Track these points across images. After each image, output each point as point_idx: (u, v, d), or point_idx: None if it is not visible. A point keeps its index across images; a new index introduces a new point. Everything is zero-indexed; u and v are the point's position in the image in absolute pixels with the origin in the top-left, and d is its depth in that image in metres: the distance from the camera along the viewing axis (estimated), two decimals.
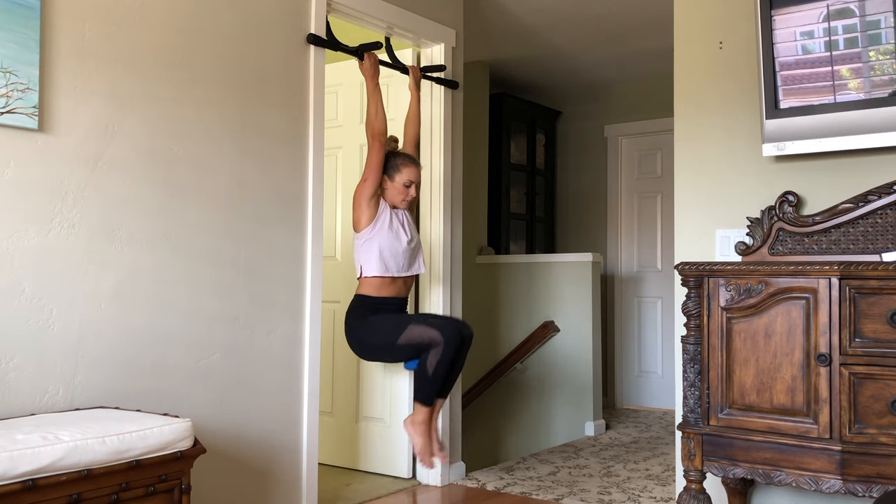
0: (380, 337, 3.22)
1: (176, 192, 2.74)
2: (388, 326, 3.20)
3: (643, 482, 3.92)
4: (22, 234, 2.33)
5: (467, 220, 5.27)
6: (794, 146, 2.78)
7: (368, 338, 3.26)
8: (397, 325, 3.18)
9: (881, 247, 2.66)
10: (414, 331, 3.13)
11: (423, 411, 3.21)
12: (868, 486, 2.29)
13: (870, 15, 2.60)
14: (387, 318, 3.24)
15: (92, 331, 2.49)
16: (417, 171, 3.38)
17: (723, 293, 2.54)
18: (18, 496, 1.79)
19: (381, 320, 3.23)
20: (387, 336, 3.19)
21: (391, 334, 3.17)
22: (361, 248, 3.33)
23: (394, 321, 3.21)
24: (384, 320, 3.23)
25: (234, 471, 2.91)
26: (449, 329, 3.11)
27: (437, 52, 3.99)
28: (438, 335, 3.09)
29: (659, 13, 4.52)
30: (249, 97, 2.99)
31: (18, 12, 2.29)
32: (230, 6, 2.93)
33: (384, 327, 3.21)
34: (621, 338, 6.31)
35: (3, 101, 2.25)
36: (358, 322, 3.27)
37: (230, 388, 2.90)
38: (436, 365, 3.11)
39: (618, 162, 6.40)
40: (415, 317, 3.28)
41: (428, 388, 3.16)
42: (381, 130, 3.33)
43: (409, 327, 3.15)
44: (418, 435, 3.22)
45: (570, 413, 5.25)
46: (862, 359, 2.33)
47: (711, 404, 2.56)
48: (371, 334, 3.24)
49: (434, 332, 3.10)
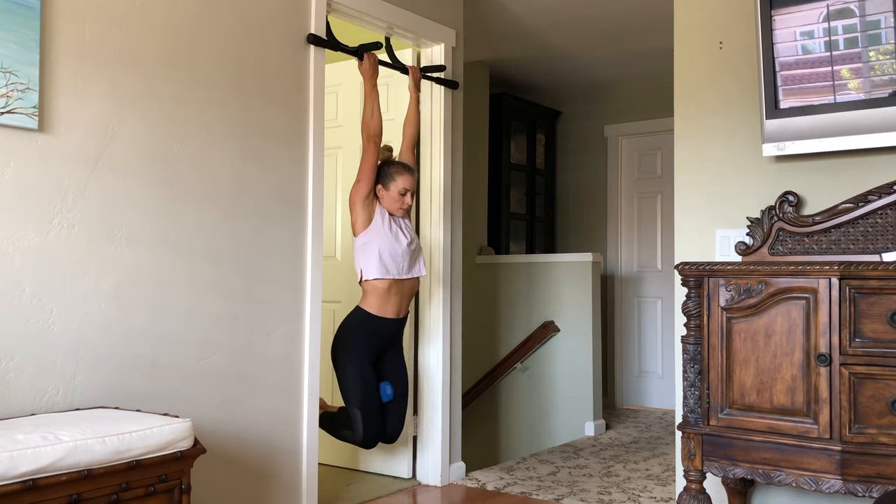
0: (342, 377, 3.40)
1: (176, 192, 2.74)
2: (352, 381, 3.37)
3: (643, 482, 3.92)
4: (22, 234, 2.33)
5: (467, 220, 5.27)
6: (794, 146, 2.78)
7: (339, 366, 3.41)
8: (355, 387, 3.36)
9: (881, 247, 2.66)
10: (354, 409, 3.36)
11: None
12: (868, 486, 2.29)
13: (870, 15, 2.60)
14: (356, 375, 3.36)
15: (92, 331, 2.49)
16: (412, 179, 3.39)
17: (723, 293, 2.54)
18: (18, 496, 1.78)
19: (354, 371, 3.36)
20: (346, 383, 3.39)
21: (349, 387, 3.37)
22: (361, 251, 3.33)
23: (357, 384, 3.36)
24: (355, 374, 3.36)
25: (234, 471, 2.91)
26: (371, 434, 3.39)
27: (437, 52, 3.99)
28: (361, 432, 3.37)
29: (659, 13, 4.52)
30: (249, 97, 2.99)
31: (18, 12, 2.29)
32: (230, 6, 2.93)
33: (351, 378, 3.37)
34: (621, 338, 6.31)
35: (3, 101, 2.25)
36: (341, 346, 3.40)
37: (230, 388, 2.90)
38: (342, 437, 3.46)
39: (618, 162, 6.40)
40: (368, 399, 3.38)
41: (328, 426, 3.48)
42: (377, 132, 3.33)
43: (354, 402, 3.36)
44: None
45: (570, 413, 5.25)
46: (862, 359, 2.33)
47: (711, 404, 2.56)
48: (342, 368, 3.40)
49: (360, 428, 3.37)
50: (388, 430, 3.48)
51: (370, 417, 3.37)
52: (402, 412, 3.53)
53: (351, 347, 3.36)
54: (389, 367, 3.50)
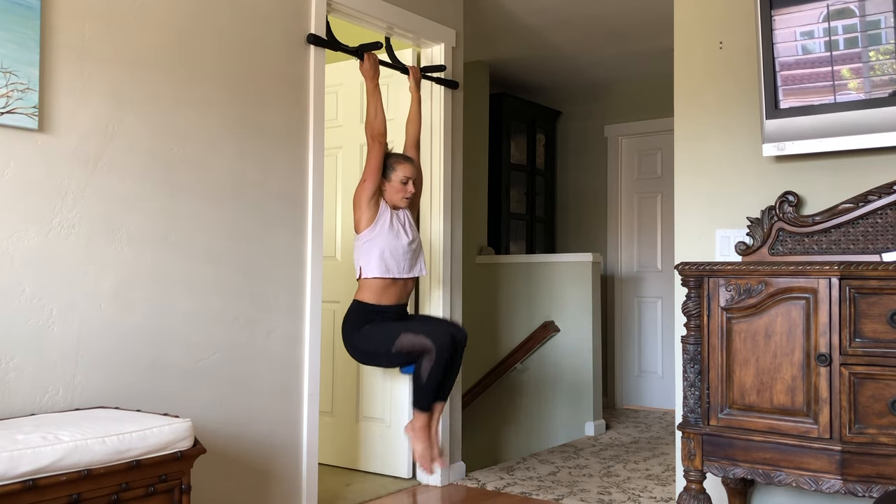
0: (373, 345, 3.24)
1: (176, 192, 2.74)
2: (381, 335, 3.21)
3: (643, 482, 3.92)
4: (22, 234, 2.33)
5: (467, 220, 5.27)
6: (794, 146, 2.78)
7: (362, 345, 3.27)
8: (390, 333, 3.20)
9: (881, 247, 2.66)
10: (405, 339, 3.16)
11: (422, 417, 3.23)
12: (868, 486, 2.29)
13: (870, 15, 2.60)
14: (380, 327, 3.24)
15: (92, 331, 2.49)
16: (412, 167, 3.37)
17: (723, 293, 2.54)
18: (18, 496, 1.79)
19: (374, 330, 3.24)
20: (380, 345, 3.22)
21: (384, 344, 3.20)
22: (362, 249, 3.32)
23: (386, 330, 3.22)
24: (377, 329, 3.23)
25: (234, 471, 2.91)
26: (440, 335, 3.15)
27: (437, 52, 3.99)
28: (430, 343, 3.12)
29: (659, 13, 4.52)
30: (249, 97, 2.99)
31: (18, 12, 2.29)
32: (230, 6, 2.93)
33: (377, 336, 3.22)
34: (621, 338, 6.31)
35: (3, 101, 2.25)
36: (352, 330, 3.28)
37: (230, 388, 2.90)
38: (429, 371, 3.15)
39: (618, 162, 6.40)
40: (407, 324, 3.27)
41: (424, 394, 3.20)
42: (381, 131, 3.33)
43: (400, 336, 3.17)
44: (418, 441, 3.25)
45: (570, 413, 5.25)
46: (862, 359, 2.33)
47: (711, 404, 2.56)
48: (365, 342, 3.26)
49: (425, 339, 3.13)
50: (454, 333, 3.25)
51: (418, 328, 3.18)
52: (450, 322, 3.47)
53: (360, 324, 3.26)
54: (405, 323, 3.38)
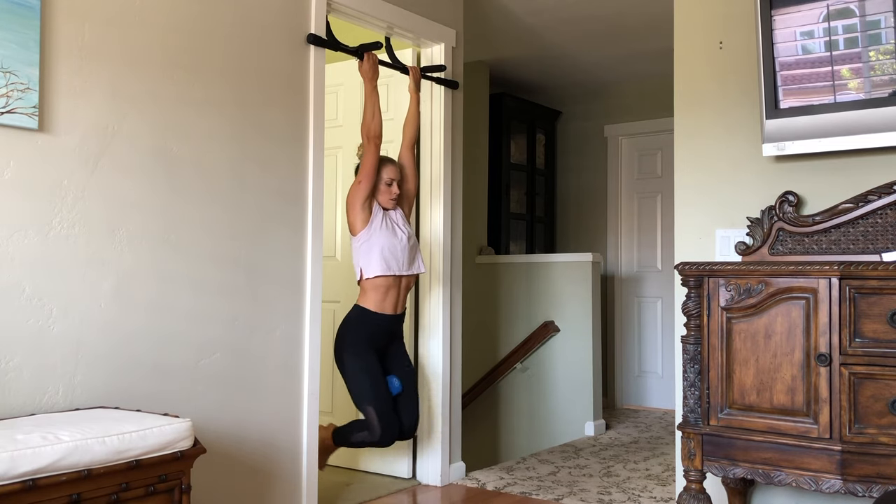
0: (350, 383, 3.37)
1: (176, 192, 2.74)
2: (358, 383, 3.34)
3: (643, 482, 3.92)
4: (22, 234, 2.33)
5: (467, 220, 5.27)
6: (794, 146, 2.78)
7: (344, 370, 3.39)
8: (364, 383, 3.33)
9: (881, 247, 2.66)
10: (369, 410, 3.32)
11: (330, 444, 3.42)
12: (868, 486, 2.29)
13: (870, 15, 2.60)
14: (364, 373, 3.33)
15: (92, 331, 2.49)
16: (395, 168, 3.43)
17: (723, 293, 2.54)
18: (18, 496, 1.78)
19: (357, 369, 3.34)
20: (354, 388, 3.36)
21: (356, 394, 3.35)
22: (361, 250, 3.33)
23: (366, 380, 3.33)
24: (362, 374, 3.33)
25: (234, 471, 2.91)
26: (392, 426, 3.33)
27: (437, 52, 3.99)
28: (378, 429, 3.30)
29: (659, 13, 4.52)
30: (249, 97, 2.99)
31: (18, 12, 2.28)
32: (230, 6, 2.93)
33: (355, 380, 3.35)
34: (621, 338, 6.31)
35: (3, 101, 2.25)
36: (344, 345, 3.38)
37: (230, 388, 2.90)
38: (361, 441, 3.37)
39: (618, 162, 6.40)
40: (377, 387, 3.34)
41: (344, 440, 3.41)
42: (378, 133, 3.34)
43: (366, 399, 3.31)
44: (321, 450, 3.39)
45: (570, 413, 5.25)
46: (862, 359, 2.33)
47: (711, 404, 2.56)
48: (346, 371, 3.37)
49: (376, 425, 3.30)
50: (404, 422, 3.42)
51: (384, 413, 3.32)
52: (414, 403, 3.48)
53: (353, 344, 3.35)
54: (394, 361, 3.48)
